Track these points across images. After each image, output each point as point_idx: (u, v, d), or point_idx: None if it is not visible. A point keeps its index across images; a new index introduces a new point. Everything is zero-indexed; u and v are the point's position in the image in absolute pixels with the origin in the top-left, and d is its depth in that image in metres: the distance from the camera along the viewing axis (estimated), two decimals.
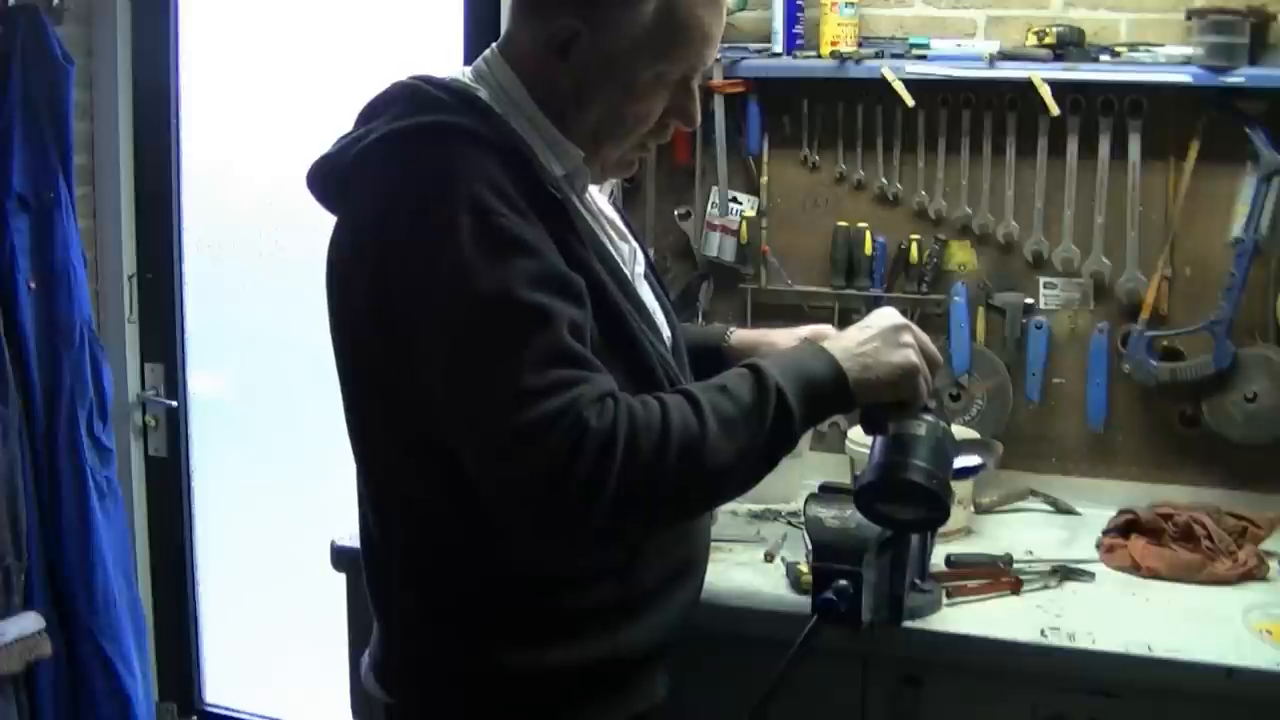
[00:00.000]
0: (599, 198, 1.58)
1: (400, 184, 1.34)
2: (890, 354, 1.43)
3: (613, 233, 1.55)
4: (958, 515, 2.18)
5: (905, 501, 1.50)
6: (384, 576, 1.54)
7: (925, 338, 1.48)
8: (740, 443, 1.31)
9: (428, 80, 1.43)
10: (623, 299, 1.42)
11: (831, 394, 1.40)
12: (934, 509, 1.50)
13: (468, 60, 1.52)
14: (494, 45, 1.49)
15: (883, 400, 1.46)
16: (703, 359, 1.66)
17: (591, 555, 1.44)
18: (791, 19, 2.42)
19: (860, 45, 2.39)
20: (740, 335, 1.79)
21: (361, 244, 1.37)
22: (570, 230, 1.38)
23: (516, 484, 1.26)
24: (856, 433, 2.25)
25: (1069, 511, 2.37)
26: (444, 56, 2.70)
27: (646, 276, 1.60)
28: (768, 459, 1.37)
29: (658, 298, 1.60)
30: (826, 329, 1.67)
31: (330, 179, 1.44)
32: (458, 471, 1.36)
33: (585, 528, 1.26)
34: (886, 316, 1.48)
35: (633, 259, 1.56)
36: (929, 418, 1.50)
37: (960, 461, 1.74)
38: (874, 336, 1.45)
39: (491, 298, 1.27)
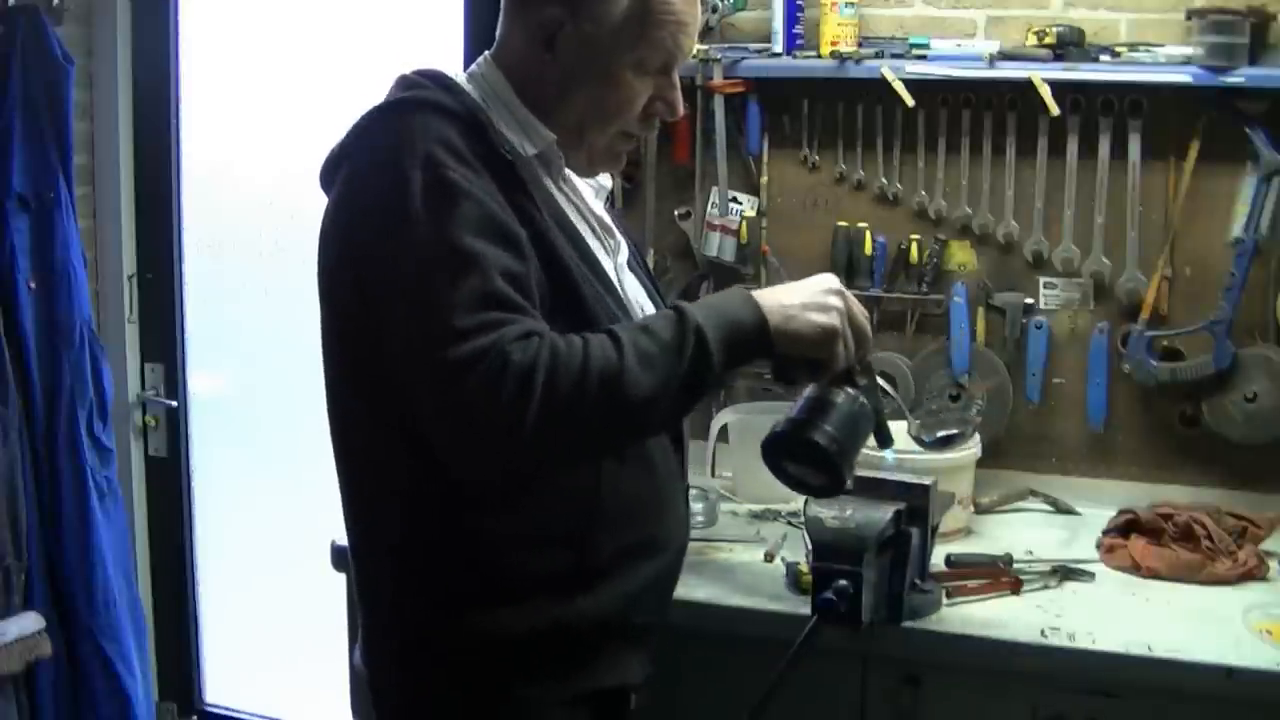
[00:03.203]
0: (584, 190, 1.62)
1: (367, 155, 1.43)
2: (815, 314, 1.45)
3: (590, 217, 1.59)
4: (958, 515, 2.18)
5: (806, 463, 1.51)
6: (357, 555, 1.60)
7: (858, 309, 1.50)
8: (658, 377, 1.36)
9: (419, 72, 1.51)
10: (575, 258, 1.48)
11: (753, 339, 1.44)
12: (832, 477, 1.51)
13: (467, 61, 1.55)
14: (487, 52, 1.55)
15: (801, 355, 1.48)
16: None
17: (525, 479, 1.48)
18: (791, 19, 2.42)
19: (860, 45, 2.39)
20: None
21: (338, 223, 1.45)
22: (521, 190, 1.45)
23: (448, 415, 1.34)
24: None
25: (1069, 511, 2.37)
26: (444, 56, 2.69)
27: (632, 267, 1.66)
28: (687, 395, 1.40)
29: (645, 288, 1.65)
30: None
31: (327, 168, 1.51)
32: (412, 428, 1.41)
33: (511, 454, 1.34)
34: (824, 280, 1.51)
35: (615, 250, 1.62)
36: (851, 391, 1.51)
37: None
38: (804, 292, 1.48)
39: (432, 244, 1.34)
